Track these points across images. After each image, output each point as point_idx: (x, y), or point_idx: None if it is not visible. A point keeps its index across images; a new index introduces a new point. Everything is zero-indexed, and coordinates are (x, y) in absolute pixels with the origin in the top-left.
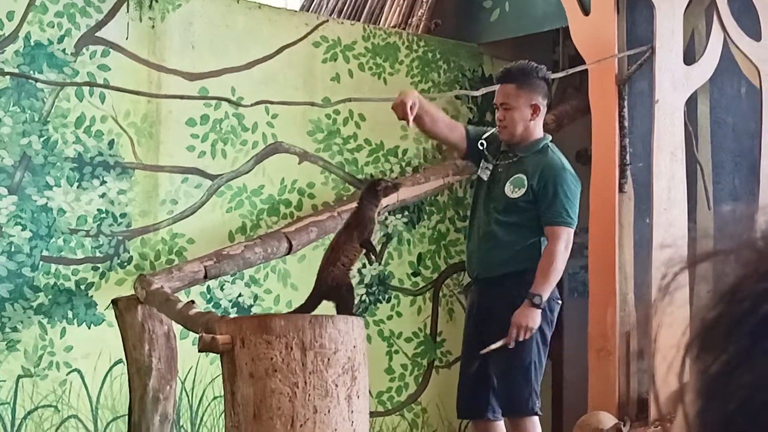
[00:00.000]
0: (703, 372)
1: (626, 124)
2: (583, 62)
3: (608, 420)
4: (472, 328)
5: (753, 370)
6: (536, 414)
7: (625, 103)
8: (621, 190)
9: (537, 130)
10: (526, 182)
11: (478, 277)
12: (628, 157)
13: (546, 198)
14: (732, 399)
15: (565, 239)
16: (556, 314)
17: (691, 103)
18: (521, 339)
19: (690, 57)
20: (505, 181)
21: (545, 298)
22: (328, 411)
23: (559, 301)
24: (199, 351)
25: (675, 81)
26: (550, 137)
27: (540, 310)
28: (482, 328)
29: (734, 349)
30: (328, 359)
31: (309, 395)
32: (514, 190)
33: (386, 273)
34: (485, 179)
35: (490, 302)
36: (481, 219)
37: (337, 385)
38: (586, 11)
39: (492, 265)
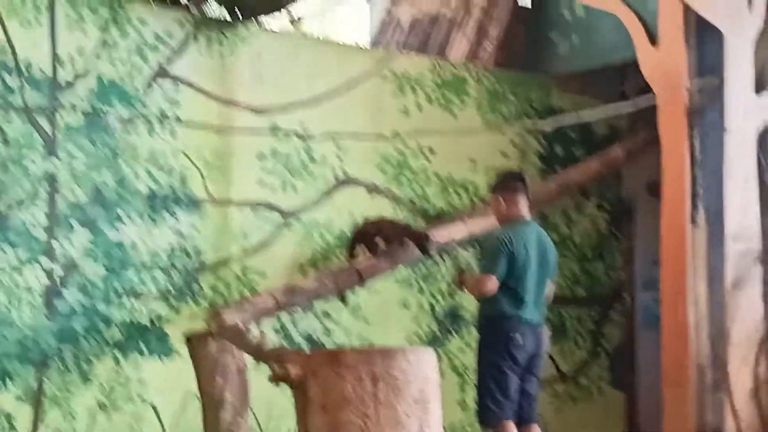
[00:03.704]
0: None
1: (697, 154)
2: (652, 93)
3: None
4: None
5: None
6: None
7: (695, 133)
8: (693, 221)
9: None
10: None
11: None
12: (699, 188)
13: None
14: None
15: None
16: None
17: (763, 133)
18: None
19: (761, 86)
20: None
21: None
22: None
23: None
24: (271, 383)
25: (746, 111)
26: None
27: None
28: None
29: None
30: (400, 391)
31: (381, 426)
32: None
33: (457, 306)
34: None
35: None
36: None
37: (409, 416)
38: (654, 42)
39: None
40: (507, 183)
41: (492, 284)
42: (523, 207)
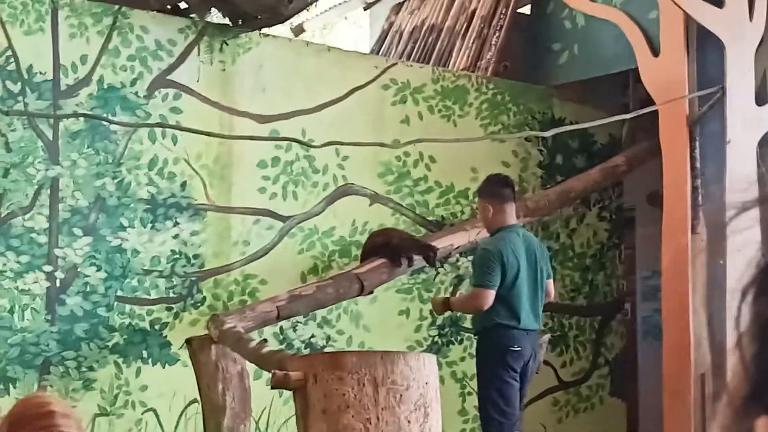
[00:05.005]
0: (758, 315)
1: (698, 164)
2: (653, 104)
3: None
4: None
5: None
6: None
7: (696, 143)
8: (693, 231)
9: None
10: None
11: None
12: (700, 198)
13: None
14: None
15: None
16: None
17: (764, 144)
18: None
19: (762, 97)
20: None
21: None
22: None
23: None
24: (271, 388)
25: (746, 121)
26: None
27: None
28: None
29: None
30: (401, 395)
31: (382, 431)
32: None
33: (458, 314)
34: None
35: None
36: None
37: (409, 422)
38: (655, 52)
39: None
40: (494, 189)
41: (489, 297)
42: (511, 214)
